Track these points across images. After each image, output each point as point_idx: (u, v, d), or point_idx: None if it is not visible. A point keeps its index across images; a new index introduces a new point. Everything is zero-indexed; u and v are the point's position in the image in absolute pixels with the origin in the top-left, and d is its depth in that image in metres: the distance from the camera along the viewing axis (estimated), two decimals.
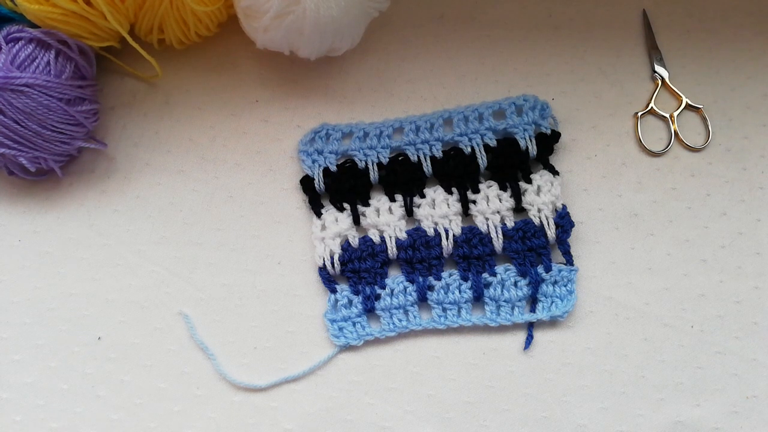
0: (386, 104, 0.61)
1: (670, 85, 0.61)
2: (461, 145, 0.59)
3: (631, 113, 0.61)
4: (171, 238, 0.59)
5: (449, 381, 0.55)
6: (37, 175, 0.58)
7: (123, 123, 0.62)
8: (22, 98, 0.52)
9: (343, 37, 0.57)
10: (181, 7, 0.57)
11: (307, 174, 0.59)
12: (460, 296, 0.56)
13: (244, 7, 0.55)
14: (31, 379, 0.55)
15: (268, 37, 0.56)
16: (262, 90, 0.62)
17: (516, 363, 0.55)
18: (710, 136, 0.60)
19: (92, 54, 0.58)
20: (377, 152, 0.59)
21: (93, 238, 0.59)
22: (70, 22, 0.55)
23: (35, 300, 0.57)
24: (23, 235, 0.59)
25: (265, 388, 0.55)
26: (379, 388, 0.55)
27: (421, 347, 0.56)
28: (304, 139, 0.60)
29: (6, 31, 0.55)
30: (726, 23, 0.63)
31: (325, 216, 0.58)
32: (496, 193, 0.58)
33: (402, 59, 0.63)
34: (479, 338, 0.56)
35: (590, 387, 0.54)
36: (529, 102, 0.59)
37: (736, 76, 0.62)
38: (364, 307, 0.56)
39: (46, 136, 0.54)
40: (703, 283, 0.57)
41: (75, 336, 0.56)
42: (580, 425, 0.54)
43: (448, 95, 0.62)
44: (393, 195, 0.59)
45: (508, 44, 0.63)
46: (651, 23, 0.63)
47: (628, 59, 0.63)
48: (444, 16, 0.64)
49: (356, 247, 0.57)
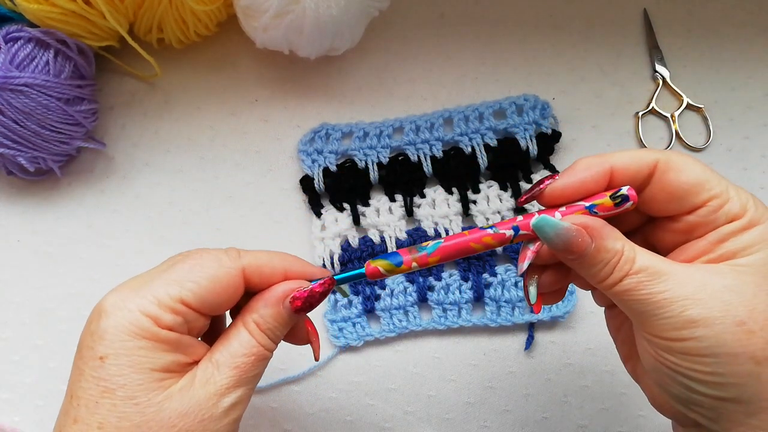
0: (386, 104, 0.61)
1: (671, 85, 0.61)
2: (461, 144, 0.59)
3: (632, 113, 0.61)
4: (171, 238, 0.59)
5: (449, 381, 0.55)
6: (36, 175, 0.58)
7: (122, 123, 0.62)
8: (21, 98, 0.52)
9: (343, 36, 0.56)
10: (180, 7, 0.57)
11: (307, 174, 0.59)
12: (461, 297, 0.56)
13: (244, 6, 0.55)
14: (31, 379, 0.55)
15: (268, 36, 0.56)
16: (261, 89, 0.62)
17: (516, 363, 0.55)
18: (711, 135, 0.60)
19: (91, 53, 0.58)
20: (377, 152, 0.59)
21: (92, 238, 0.59)
22: (69, 21, 0.55)
23: (35, 300, 0.57)
24: (22, 235, 0.59)
25: (265, 389, 0.55)
26: (379, 389, 0.55)
27: (421, 348, 0.56)
28: (303, 139, 0.60)
29: (5, 31, 0.55)
30: (727, 23, 0.63)
31: (325, 216, 0.58)
32: (497, 192, 0.58)
33: (402, 59, 0.63)
34: (479, 339, 0.56)
35: (591, 387, 0.54)
36: (529, 102, 0.59)
37: (737, 75, 0.62)
38: (364, 308, 0.56)
39: (45, 135, 0.54)
40: None
41: (75, 336, 0.56)
42: (580, 426, 0.54)
43: (448, 95, 0.61)
44: (393, 195, 0.59)
45: (509, 44, 0.63)
46: (652, 23, 0.63)
47: (628, 59, 0.62)
48: (444, 16, 0.64)
49: (356, 247, 0.57)
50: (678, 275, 0.34)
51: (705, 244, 0.36)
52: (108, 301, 0.37)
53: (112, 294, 0.37)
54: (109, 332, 0.35)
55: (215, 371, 0.37)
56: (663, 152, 0.37)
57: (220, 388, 0.37)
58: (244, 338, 0.38)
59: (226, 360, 0.37)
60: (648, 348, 0.36)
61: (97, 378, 0.35)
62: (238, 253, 0.39)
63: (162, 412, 0.35)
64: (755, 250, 0.35)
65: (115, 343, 0.35)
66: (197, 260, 0.38)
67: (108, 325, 0.35)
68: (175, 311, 0.36)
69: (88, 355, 0.36)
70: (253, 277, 0.39)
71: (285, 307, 0.39)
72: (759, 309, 0.33)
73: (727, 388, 0.33)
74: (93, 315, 0.37)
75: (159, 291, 0.36)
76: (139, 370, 0.35)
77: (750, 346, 0.32)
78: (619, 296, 0.35)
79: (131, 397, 0.35)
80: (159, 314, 0.36)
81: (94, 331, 0.36)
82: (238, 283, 0.38)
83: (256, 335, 0.38)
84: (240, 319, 0.39)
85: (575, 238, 0.35)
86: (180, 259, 0.38)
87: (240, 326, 0.39)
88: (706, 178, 0.36)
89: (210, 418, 0.36)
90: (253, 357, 0.38)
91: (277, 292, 0.39)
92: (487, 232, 0.37)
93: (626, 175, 0.37)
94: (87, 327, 0.37)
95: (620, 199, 0.36)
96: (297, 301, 0.39)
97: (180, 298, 0.36)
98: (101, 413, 0.35)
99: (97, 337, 0.35)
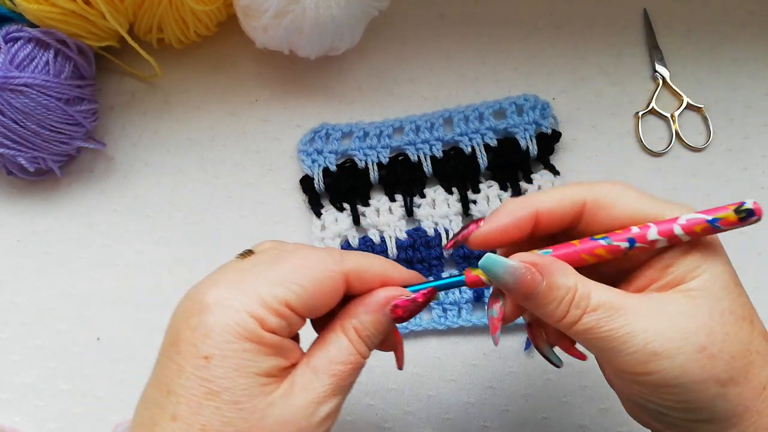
0: (386, 104, 0.61)
1: (671, 85, 0.61)
2: (461, 144, 0.59)
3: (632, 113, 0.61)
4: (171, 238, 0.59)
5: (449, 382, 0.55)
6: (36, 175, 0.58)
7: (122, 123, 0.62)
8: (20, 98, 0.52)
9: (342, 36, 0.56)
10: (180, 7, 0.57)
11: (307, 174, 0.59)
12: (461, 297, 0.56)
13: (244, 6, 0.55)
14: (31, 379, 0.55)
15: (268, 36, 0.56)
16: (261, 89, 0.62)
17: (516, 363, 0.55)
18: (711, 135, 0.60)
19: (91, 53, 0.58)
20: (377, 152, 0.59)
21: (92, 238, 0.59)
22: (69, 21, 0.55)
23: (35, 300, 0.57)
24: (22, 235, 0.59)
25: None
26: (379, 389, 0.55)
27: (421, 348, 0.56)
28: (303, 139, 0.60)
29: (5, 31, 0.55)
30: (727, 22, 0.63)
31: (324, 216, 0.58)
32: (497, 193, 0.58)
33: (402, 59, 0.63)
34: (480, 339, 0.56)
35: (591, 388, 0.54)
36: (529, 101, 0.59)
37: (737, 75, 0.62)
38: None
39: (45, 135, 0.54)
40: None
41: (75, 336, 0.56)
42: (580, 426, 0.54)
43: (449, 95, 0.61)
44: (393, 195, 0.59)
45: (509, 44, 0.63)
46: (652, 22, 0.63)
47: (628, 59, 0.62)
48: (444, 16, 0.64)
49: (356, 247, 0.57)
50: (635, 308, 0.34)
51: (652, 272, 0.36)
52: (211, 295, 0.34)
53: (214, 289, 0.35)
54: (216, 331, 0.33)
55: (314, 377, 0.36)
56: (590, 188, 0.37)
57: (319, 395, 0.35)
58: (343, 344, 0.37)
59: (324, 366, 0.36)
60: (615, 380, 0.37)
61: (201, 378, 0.33)
62: (341, 256, 0.37)
63: (265, 419, 0.34)
64: (701, 272, 0.35)
65: (221, 344, 0.33)
66: (302, 260, 0.36)
67: (214, 323, 0.33)
68: (279, 314, 0.35)
69: (189, 351, 0.33)
70: (354, 281, 0.37)
71: (385, 315, 0.37)
72: (716, 330, 0.33)
73: (697, 412, 0.34)
74: (192, 307, 0.35)
75: (264, 291, 0.34)
76: (244, 374, 0.33)
77: (713, 370, 0.33)
78: (580, 335, 0.35)
79: (236, 401, 0.33)
80: (264, 316, 0.34)
81: (196, 327, 0.34)
82: (340, 287, 0.37)
83: (355, 342, 0.37)
84: (339, 324, 0.37)
85: (524, 276, 0.35)
86: (283, 255, 0.37)
87: (339, 332, 0.37)
88: (640, 207, 0.36)
89: (307, 427, 0.35)
90: (350, 365, 0.36)
91: (378, 298, 0.37)
92: (600, 243, 0.36)
93: (552, 219, 0.37)
94: (185, 320, 0.35)
95: (745, 214, 0.34)
96: (399, 309, 0.37)
97: (285, 300, 0.35)
98: (205, 415, 0.33)
99: (200, 334, 0.33)
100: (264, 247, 0.39)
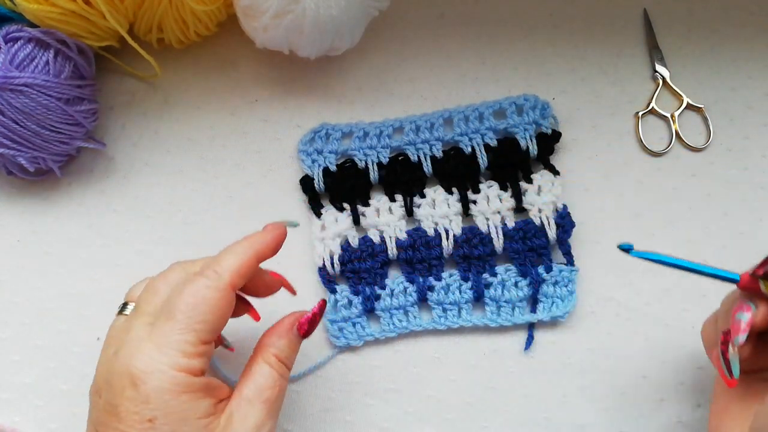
0: (386, 104, 0.61)
1: (671, 85, 0.61)
2: (461, 144, 0.59)
3: (632, 113, 0.61)
4: (171, 238, 0.59)
5: (449, 382, 0.55)
6: (36, 175, 0.58)
7: (122, 123, 0.62)
8: (20, 98, 0.52)
9: (342, 36, 0.56)
10: (180, 7, 0.57)
11: (307, 174, 0.59)
12: (461, 297, 0.56)
13: (244, 6, 0.55)
14: (31, 379, 0.55)
15: (268, 36, 0.56)
16: (261, 90, 0.62)
17: (516, 364, 0.55)
18: (711, 135, 0.60)
19: (91, 53, 0.58)
20: (377, 152, 0.59)
21: (92, 238, 0.59)
22: (69, 21, 0.55)
23: (35, 300, 0.57)
24: (22, 235, 0.59)
25: None
26: (379, 389, 0.55)
27: (421, 348, 0.56)
28: (303, 139, 0.60)
29: (5, 31, 0.55)
30: (727, 22, 0.63)
31: (324, 216, 0.58)
32: (497, 193, 0.58)
33: (402, 59, 0.63)
34: (480, 339, 0.56)
35: (591, 388, 0.54)
36: (529, 101, 0.59)
37: (737, 75, 0.62)
38: (364, 308, 0.56)
39: (45, 135, 0.54)
40: (704, 283, 0.56)
41: (75, 336, 0.56)
42: (580, 426, 0.53)
43: (449, 95, 0.61)
44: (393, 195, 0.59)
45: (509, 44, 0.63)
46: (652, 22, 0.63)
47: (628, 59, 0.62)
48: (444, 16, 0.64)
49: (356, 247, 0.57)
50: None
51: None
52: (135, 367, 0.38)
53: (134, 360, 0.38)
54: (152, 396, 0.38)
55: (249, 407, 0.41)
56: None
57: (257, 421, 0.40)
58: (266, 371, 0.42)
59: (255, 395, 0.41)
60: None
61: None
62: (216, 271, 0.41)
63: None
64: None
65: (161, 405, 0.38)
66: (192, 296, 0.40)
67: (150, 390, 0.38)
68: (199, 354, 0.39)
69: (132, 418, 0.37)
70: (239, 283, 0.42)
71: (295, 334, 0.44)
72: None
73: None
74: (121, 382, 0.38)
75: (179, 342, 0.39)
76: (188, 422, 0.38)
77: None
78: None
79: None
80: (189, 364, 0.39)
81: (134, 398, 0.38)
82: (232, 298, 0.42)
83: (276, 367, 0.43)
84: (259, 355, 0.43)
85: None
86: (173, 299, 0.40)
87: (261, 362, 0.43)
88: None
89: None
90: (277, 388, 0.42)
91: (285, 324, 0.45)
92: None
93: None
94: (120, 394, 0.38)
95: None
96: (304, 326, 0.45)
97: (198, 340, 0.39)
98: None
99: (139, 402, 0.38)
100: (136, 293, 0.44)
